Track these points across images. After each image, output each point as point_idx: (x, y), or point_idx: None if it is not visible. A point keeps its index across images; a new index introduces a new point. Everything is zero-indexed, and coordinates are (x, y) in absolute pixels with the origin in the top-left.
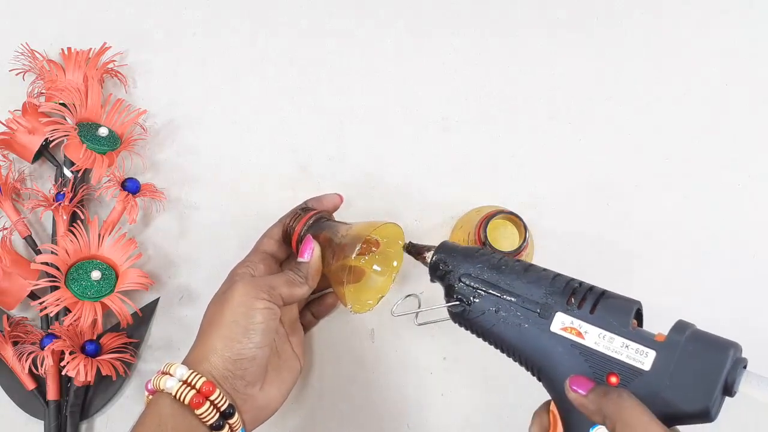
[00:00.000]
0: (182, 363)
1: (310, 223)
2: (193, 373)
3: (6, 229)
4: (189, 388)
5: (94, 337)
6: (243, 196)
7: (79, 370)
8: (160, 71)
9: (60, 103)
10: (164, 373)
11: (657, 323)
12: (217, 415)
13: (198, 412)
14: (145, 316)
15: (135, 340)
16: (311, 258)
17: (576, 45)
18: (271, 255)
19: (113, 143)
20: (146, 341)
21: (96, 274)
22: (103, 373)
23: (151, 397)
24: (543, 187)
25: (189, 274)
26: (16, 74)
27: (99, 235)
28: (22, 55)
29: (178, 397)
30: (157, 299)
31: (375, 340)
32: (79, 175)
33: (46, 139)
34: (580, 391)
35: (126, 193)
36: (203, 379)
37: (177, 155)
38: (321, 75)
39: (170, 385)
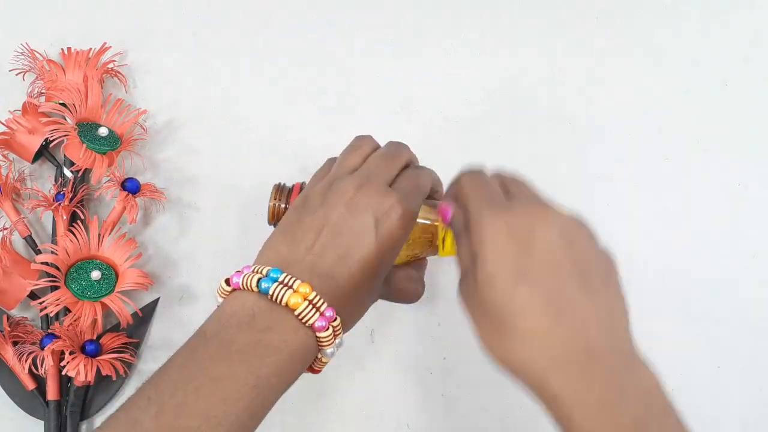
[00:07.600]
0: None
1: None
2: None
3: (6, 229)
4: None
5: (94, 337)
6: (243, 196)
7: (79, 370)
8: (160, 71)
9: (60, 103)
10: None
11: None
12: None
13: None
14: (145, 316)
15: (135, 340)
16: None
17: (576, 45)
18: None
19: (113, 143)
20: (146, 341)
21: (96, 274)
22: (103, 373)
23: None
24: (543, 187)
25: (189, 274)
26: (16, 74)
27: (99, 235)
28: (22, 55)
29: None
30: (157, 299)
31: (375, 340)
32: (79, 175)
33: (46, 139)
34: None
35: (126, 193)
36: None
37: (177, 155)
38: (321, 75)
39: None
